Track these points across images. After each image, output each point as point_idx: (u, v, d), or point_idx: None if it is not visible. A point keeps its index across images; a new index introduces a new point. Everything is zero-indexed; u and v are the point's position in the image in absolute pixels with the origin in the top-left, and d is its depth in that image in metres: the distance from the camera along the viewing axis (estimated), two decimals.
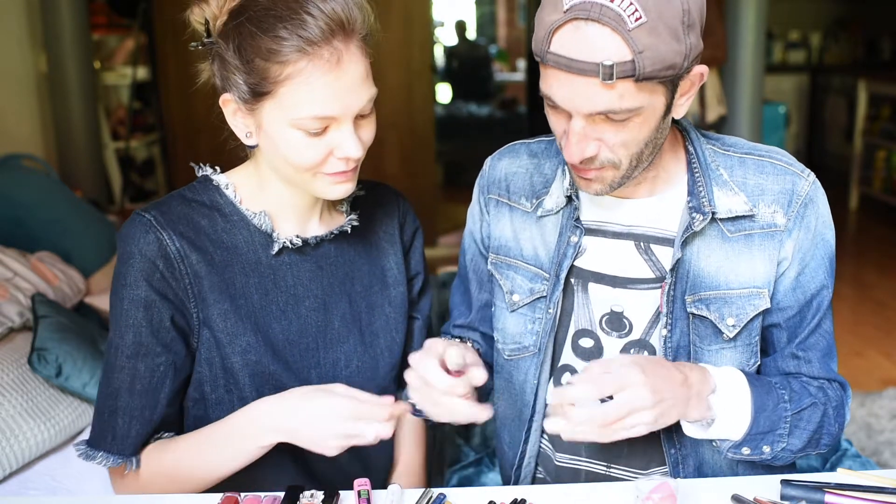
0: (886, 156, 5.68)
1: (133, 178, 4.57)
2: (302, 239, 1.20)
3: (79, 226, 2.80)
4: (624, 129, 1.04)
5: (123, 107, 4.48)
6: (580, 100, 1.01)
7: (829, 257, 1.19)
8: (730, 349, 1.18)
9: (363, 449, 1.27)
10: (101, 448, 1.15)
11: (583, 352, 1.23)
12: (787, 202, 1.16)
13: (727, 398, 1.10)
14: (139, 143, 4.58)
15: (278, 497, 1.08)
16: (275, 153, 1.12)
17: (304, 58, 1.04)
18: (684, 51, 1.01)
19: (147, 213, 1.14)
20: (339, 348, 1.24)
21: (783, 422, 1.13)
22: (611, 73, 0.97)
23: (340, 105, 1.07)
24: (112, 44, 4.43)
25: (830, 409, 1.18)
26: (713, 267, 1.16)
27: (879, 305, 4.13)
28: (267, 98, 1.08)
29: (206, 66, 1.16)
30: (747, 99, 3.95)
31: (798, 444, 1.16)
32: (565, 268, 1.21)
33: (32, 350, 1.90)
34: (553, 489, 1.17)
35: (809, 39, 7.32)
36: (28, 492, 1.69)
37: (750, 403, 1.11)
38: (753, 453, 1.13)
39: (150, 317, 1.12)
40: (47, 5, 3.64)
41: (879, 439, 2.72)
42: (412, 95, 4.91)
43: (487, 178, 1.32)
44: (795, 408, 1.14)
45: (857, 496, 1.05)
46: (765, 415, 1.12)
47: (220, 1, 1.11)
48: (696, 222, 1.14)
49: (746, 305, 1.16)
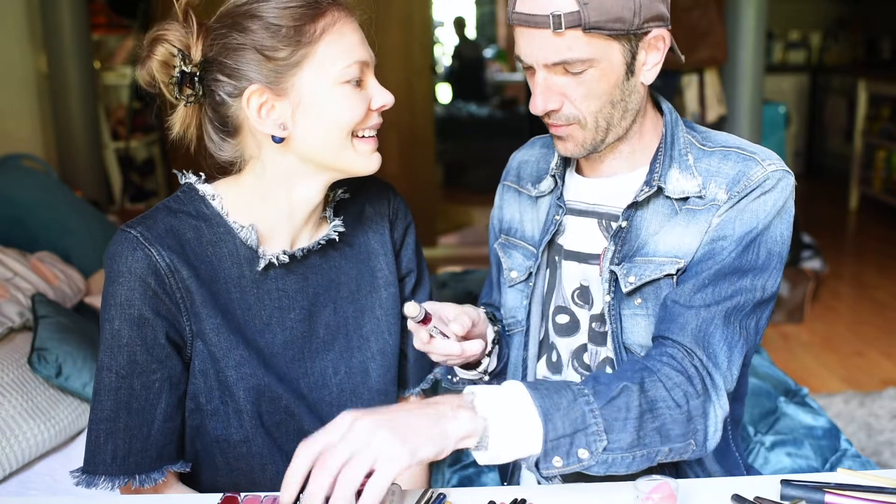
0: (886, 156, 5.68)
1: (133, 178, 4.57)
2: (289, 254, 1.19)
3: (79, 226, 2.80)
4: (583, 82, 1.12)
5: (123, 107, 4.48)
6: (538, 52, 1.11)
7: (747, 240, 1.12)
8: (641, 316, 1.18)
9: None
10: (102, 473, 1.12)
11: (559, 328, 1.28)
12: (734, 181, 1.15)
13: (497, 401, 0.95)
14: (139, 143, 4.58)
15: (278, 497, 1.08)
16: (316, 127, 1.12)
17: (328, 11, 1.11)
18: (632, 6, 1.08)
19: (133, 230, 1.11)
20: (325, 356, 1.24)
21: (591, 416, 0.97)
22: (559, 23, 1.07)
23: (366, 50, 1.14)
24: (112, 44, 4.43)
25: (662, 387, 1.02)
26: (650, 237, 1.19)
27: (879, 305, 4.13)
28: (305, 63, 1.09)
29: (181, 110, 1.16)
30: (747, 99, 3.95)
31: (627, 438, 0.99)
32: (543, 244, 1.27)
33: (32, 350, 1.90)
34: (553, 489, 1.17)
35: (809, 39, 7.32)
36: (28, 492, 1.69)
37: (533, 404, 0.95)
38: (568, 462, 0.96)
39: (144, 335, 1.11)
40: (47, 5, 3.64)
41: (879, 439, 2.72)
42: (412, 95, 4.91)
43: (507, 169, 1.42)
44: (604, 400, 0.98)
45: (857, 496, 1.05)
46: (559, 414, 0.96)
47: (181, 30, 1.11)
48: (641, 194, 1.18)
49: (654, 269, 1.16)
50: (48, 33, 3.68)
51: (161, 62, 1.12)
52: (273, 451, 1.21)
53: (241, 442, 1.19)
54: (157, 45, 1.11)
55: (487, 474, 1.55)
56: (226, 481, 1.22)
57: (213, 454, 1.20)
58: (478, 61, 9.28)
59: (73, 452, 1.84)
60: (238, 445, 1.19)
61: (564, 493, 1.14)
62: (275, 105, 1.11)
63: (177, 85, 1.12)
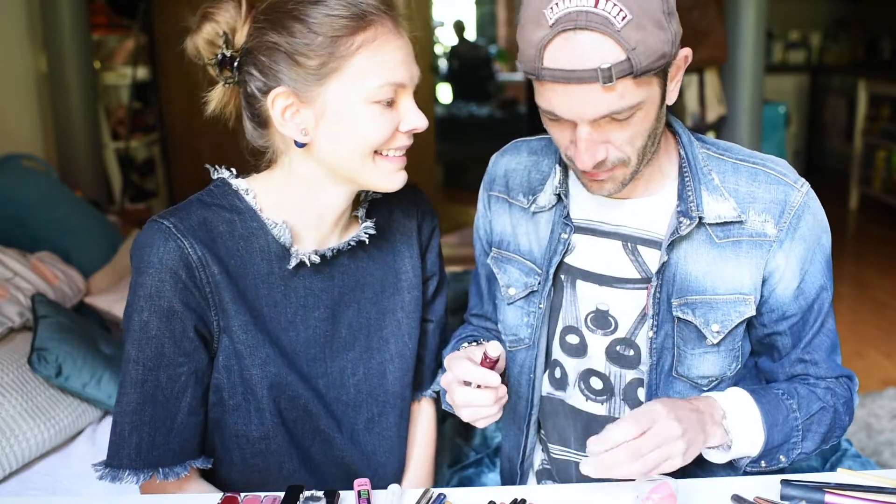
0: (886, 156, 5.68)
1: (133, 178, 4.56)
2: (320, 254, 1.18)
3: (79, 226, 2.79)
4: (629, 126, 1.06)
5: (123, 107, 4.48)
6: (584, 107, 1.02)
7: (825, 261, 1.20)
8: (712, 353, 1.18)
9: (372, 453, 1.27)
10: (126, 467, 1.11)
11: (570, 348, 1.25)
12: (778, 213, 1.15)
13: (739, 419, 1.12)
14: (139, 143, 4.58)
15: (278, 497, 1.08)
16: (338, 140, 1.09)
17: (372, 25, 1.06)
18: (670, 38, 1.02)
19: (165, 220, 1.09)
20: (346, 356, 1.23)
21: (795, 431, 1.16)
22: (610, 76, 0.98)
23: (408, 72, 1.09)
24: (112, 44, 4.43)
25: (840, 405, 1.21)
26: (700, 272, 1.16)
27: (879, 305, 4.13)
28: (334, 76, 1.06)
29: (220, 89, 1.14)
30: (747, 99, 3.95)
31: (811, 446, 1.19)
32: (554, 264, 1.22)
33: (32, 350, 1.89)
34: (553, 489, 1.17)
35: (809, 39, 7.32)
36: (28, 492, 1.69)
37: (761, 421, 1.13)
38: (770, 465, 1.16)
39: (173, 327, 1.09)
40: (47, 5, 3.64)
41: (879, 439, 2.72)
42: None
43: (490, 175, 1.35)
44: (805, 415, 1.17)
45: (857, 496, 1.05)
46: (777, 429, 1.14)
47: (232, 11, 1.09)
48: (683, 226, 1.14)
49: (731, 312, 1.16)
50: (48, 33, 3.67)
51: (207, 40, 1.10)
52: (290, 449, 1.20)
53: (261, 439, 1.18)
54: (206, 21, 1.09)
55: (487, 474, 1.55)
56: (239, 479, 1.21)
57: (230, 449, 1.20)
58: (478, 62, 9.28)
59: (72, 452, 1.84)
60: (257, 442, 1.18)
61: (564, 492, 1.14)
62: (299, 110, 1.09)
63: (217, 66, 1.11)
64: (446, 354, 1.31)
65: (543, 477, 1.35)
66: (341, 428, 1.23)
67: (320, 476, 1.23)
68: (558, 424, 1.29)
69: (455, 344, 1.33)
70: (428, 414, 1.40)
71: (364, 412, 1.26)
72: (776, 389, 1.18)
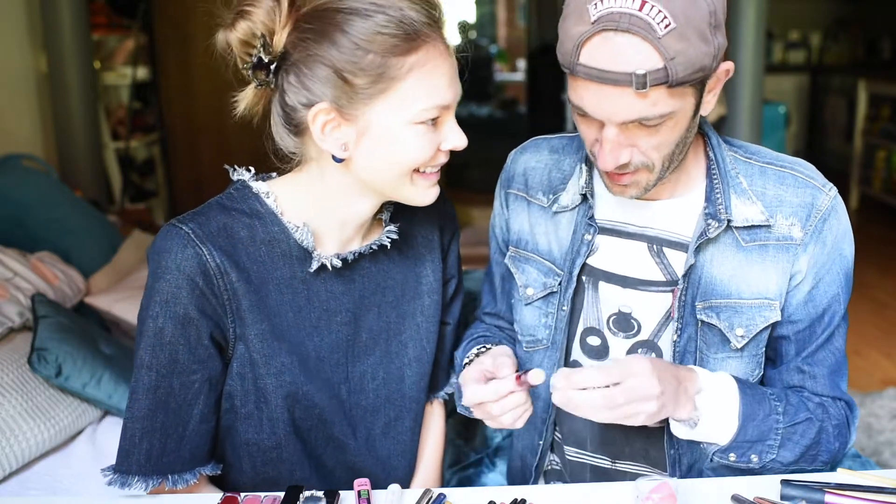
0: (886, 156, 5.68)
1: (133, 178, 4.56)
2: (342, 258, 1.15)
3: (79, 226, 2.79)
4: (657, 133, 1.04)
5: (123, 107, 4.48)
6: (613, 109, 1.01)
7: (844, 272, 1.18)
8: (735, 358, 1.17)
9: (387, 457, 1.26)
10: (136, 473, 1.09)
11: (590, 349, 1.24)
12: (805, 216, 1.14)
13: (714, 400, 1.10)
14: (139, 143, 4.57)
15: (278, 497, 1.08)
16: (379, 158, 1.06)
17: (423, 46, 1.03)
18: (713, 51, 1.00)
19: (185, 226, 1.06)
20: (366, 361, 1.22)
21: (773, 433, 1.13)
22: (644, 83, 0.97)
23: (454, 92, 1.07)
24: (112, 44, 4.43)
25: (830, 426, 1.17)
26: (725, 275, 1.15)
27: (879, 305, 4.13)
28: (381, 97, 1.02)
29: (252, 90, 1.08)
30: (747, 99, 3.94)
31: (790, 457, 1.15)
32: (578, 265, 1.21)
33: (32, 350, 1.89)
34: (552, 489, 1.17)
35: (809, 39, 7.32)
36: (28, 492, 1.69)
37: (738, 410, 1.11)
38: (740, 460, 1.13)
39: (188, 334, 1.07)
40: (47, 5, 3.64)
41: (879, 439, 2.72)
42: None
43: (508, 172, 1.33)
44: (789, 421, 1.14)
45: (857, 496, 1.05)
46: (753, 424, 1.11)
47: (270, 12, 1.03)
48: (712, 229, 1.14)
49: (756, 317, 1.15)
50: (48, 33, 3.67)
51: (241, 39, 1.04)
52: (302, 458, 1.19)
53: (272, 448, 1.17)
54: (241, 20, 1.03)
55: (487, 474, 1.55)
56: (249, 485, 1.20)
57: (241, 456, 1.19)
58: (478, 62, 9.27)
59: (72, 452, 1.84)
60: (268, 451, 1.17)
61: (564, 493, 1.14)
62: (340, 125, 1.05)
63: (251, 69, 1.05)
64: (458, 355, 1.32)
65: (552, 477, 1.35)
66: (356, 434, 1.22)
67: (331, 481, 1.22)
68: (575, 426, 1.28)
69: (467, 345, 1.32)
70: (439, 415, 1.40)
71: (382, 417, 1.25)
72: (767, 389, 1.17)
